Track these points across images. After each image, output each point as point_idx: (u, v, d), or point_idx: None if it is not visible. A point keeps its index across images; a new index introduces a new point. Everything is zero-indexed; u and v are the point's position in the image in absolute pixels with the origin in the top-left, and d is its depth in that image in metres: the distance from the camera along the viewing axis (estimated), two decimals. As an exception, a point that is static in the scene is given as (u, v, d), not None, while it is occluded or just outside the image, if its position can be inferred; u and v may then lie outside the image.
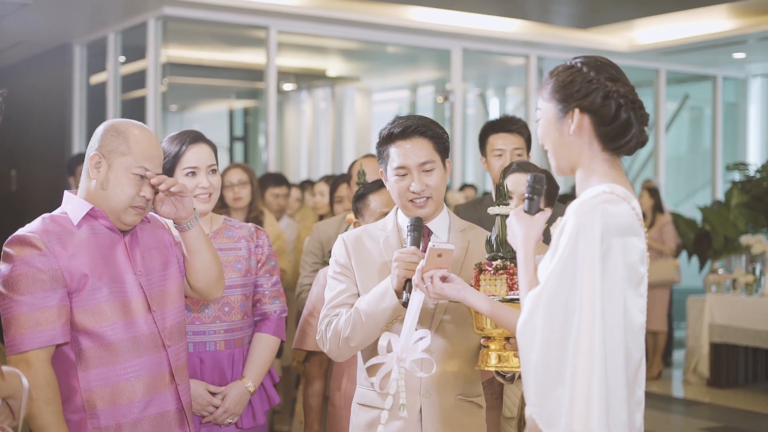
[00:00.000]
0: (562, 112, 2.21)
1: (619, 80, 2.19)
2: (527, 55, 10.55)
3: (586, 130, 2.19)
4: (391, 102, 13.29)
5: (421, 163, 2.72)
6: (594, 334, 2.00)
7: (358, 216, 3.57)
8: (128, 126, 2.70)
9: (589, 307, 2.01)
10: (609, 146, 2.19)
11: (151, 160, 2.69)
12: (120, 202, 2.66)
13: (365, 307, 2.62)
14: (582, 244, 2.03)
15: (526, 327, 2.08)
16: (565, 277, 2.04)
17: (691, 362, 8.50)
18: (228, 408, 3.21)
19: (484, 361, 2.52)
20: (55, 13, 8.58)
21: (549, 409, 2.03)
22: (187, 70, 10.83)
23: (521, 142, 4.24)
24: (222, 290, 3.00)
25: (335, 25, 9.16)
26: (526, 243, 2.25)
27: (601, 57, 2.25)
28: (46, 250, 2.54)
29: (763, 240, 8.33)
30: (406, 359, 2.52)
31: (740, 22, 9.76)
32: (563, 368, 2.02)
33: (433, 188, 2.73)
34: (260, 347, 3.32)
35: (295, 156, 12.39)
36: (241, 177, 5.19)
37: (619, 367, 2.04)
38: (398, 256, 2.57)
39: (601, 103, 2.16)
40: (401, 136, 2.73)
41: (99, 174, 2.66)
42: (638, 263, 2.09)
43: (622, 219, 2.07)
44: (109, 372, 2.60)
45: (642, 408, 2.14)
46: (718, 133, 12.23)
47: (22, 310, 2.51)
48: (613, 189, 2.12)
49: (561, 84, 2.21)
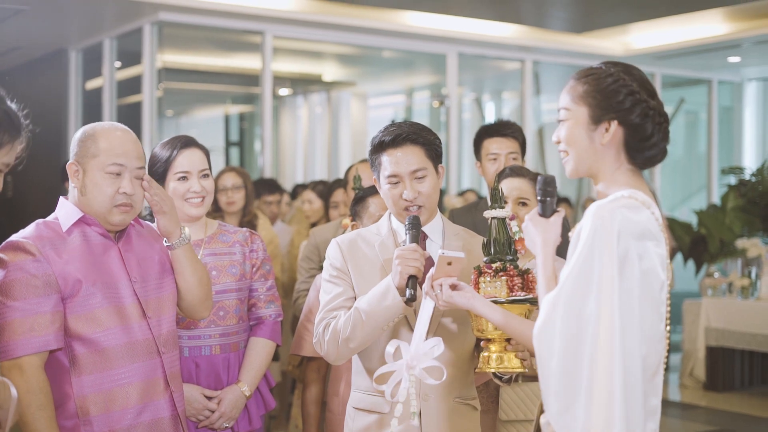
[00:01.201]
0: (598, 119, 2.15)
1: (656, 96, 2.16)
2: (523, 59, 10.56)
3: (616, 141, 2.15)
4: (386, 107, 13.29)
5: (413, 170, 2.72)
6: (614, 341, 1.97)
7: (356, 219, 3.57)
8: (97, 128, 2.70)
9: (608, 313, 1.98)
10: (635, 160, 2.17)
11: (124, 155, 2.66)
12: (101, 204, 2.65)
13: (366, 306, 2.61)
14: (598, 248, 2.00)
15: (544, 332, 2.04)
16: (581, 281, 2.01)
17: (687, 366, 8.51)
18: (224, 412, 3.21)
19: (485, 363, 2.51)
20: (50, 18, 8.57)
21: (568, 417, 2.00)
22: (183, 76, 10.83)
23: (516, 147, 4.25)
24: (209, 311, 2.99)
25: (331, 30, 9.16)
26: (545, 247, 2.23)
27: (633, 67, 2.20)
28: (39, 256, 2.53)
29: (759, 243, 8.35)
30: (416, 367, 2.51)
31: (735, 26, 9.78)
32: (581, 376, 1.98)
33: (425, 195, 2.73)
34: (255, 351, 3.32)
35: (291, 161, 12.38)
36: (235, 181, 5.18)
37: (635, 374, 2.00)
38: (399, 254, 2.56)
39: (640, 121, 2.13)
40: (392, 144, 2.73)
41: (78, 181, 2.66)
42: (658, 269, 2.06)
43: (640, 223, 2.04)
44: (102, 378, 2.59)
45: (657, 417, 2.09)
46: (714, 137, 12.24)
47: (16, 315, 2.49)
48: (634, 194, 2.10)
49: (601, 90, 2.14)
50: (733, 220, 8.81)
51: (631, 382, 1.99)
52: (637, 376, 2.00)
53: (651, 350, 2.05)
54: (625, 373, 1.97)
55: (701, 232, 8.95)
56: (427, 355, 2.52)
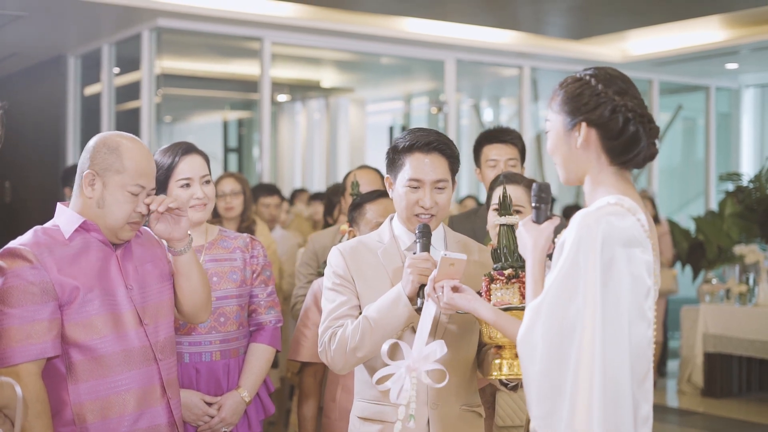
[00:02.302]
0: (570, 124, 2.17)
1: (628, 93, 2.16)
2: (521, 65, 10.57)
3: (593, 143, 2.16)
4: (385, 113, 13.30)
5: (436, 180, 2.72)
6: (595, 349, 1.97)
7: (353, 225, 3.56)
8: (120, 141, 2.66)
9: (590, 321, 1.98)
10: (617, 160, 2.16)
11: (146, 176, 2.67)
12: (117, 220, 2.65)
13: (375, 315, 2.59)
14: (583, 255, 2.00)
15: (526, 338, 2.05)
16: (565, 288, 2.01)
17: (685, 372, 8.50)
18: (224, 418, 3.21)
19: (496, 369, 2.52)
20: (49, 24, 8.58)
21: (550, 422, 2.00)
22: (182, 82, 10.83)
23: (515, 153, 4.25)
24: (208, 314, 2.98)
25: (329, 37, 9.18)
26: (535, 252, 2.23)
27: (611, 69, 2.22)
28: (37, 263, 2.52)
29: (757, 250, 8.35)
30: (418, 369, 2.50)
31: (733, 33, 9.80)
32: (564, 382, 1.99)
33: (440, 207, 2.73)
34: (255, 357, 3.32)
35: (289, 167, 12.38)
36: (233, 187, 5.19)
37: (623, 381, 1.99)
38: (411, 262, 2.56)
39: (608, 117, 2.13)
40: (422, 149, 2.72)
41: (94, 192, 2.64)
42: (644, 275, 2.06)
43: (626, 230, 2.04)
44: (99, 385, 2.58)
45: (649, 424, 2.08)
46: (711, 144, 12.26)
47: (13, 323, 2.48)
48: (621, 201, 2.09)
49: (569, 96, 2.18)
50: (730, 227, 8.82)
51: (617, 390, 1.99)
52: (624, 384, 2.00)
53: (639, 356, 2.05)
54: (607, 381, 1.97)
55: (699, 238, 8.96)
56: (429, 358, 2.51)
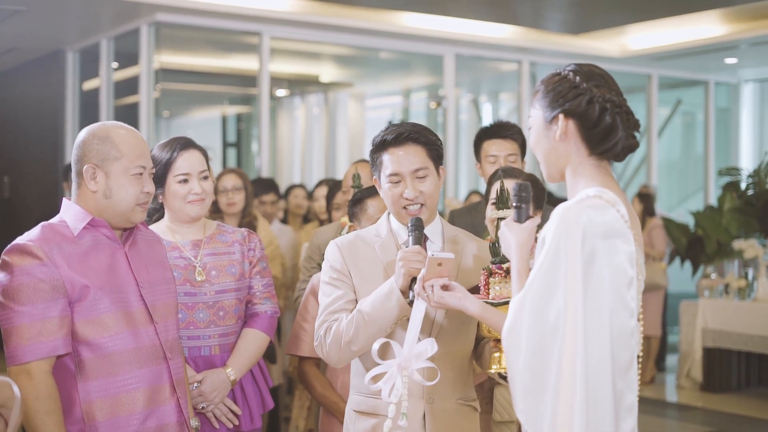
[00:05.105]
0: (549, 118, 2.21)
1: (606, 86, 2.19)
2: (520, 60, 10.56)
3: (572, 134, 2.19)
4: (384, 108, 13.28)
5: (415, 169, 2.72)
6: (577, 341, 1.99)
7: (353, 220, 3.56)
8: (108, 129, 2.66)
9: (572, 315, 2.00)
10: (595, 150, 2.19)
11: (143, 156, 2.68)
12: (127, 204, 2.65)
13: (369, 309, 2.60)
14: (563, 249, 2.03)
15: (511, 333, 2.08)
16: (547, 283, 2.04)
17: (684, 367, 8.51)
18: (203, 391, 3.15)
19: (495, 362, 2.54)
20: (48, 19, 8.56)
21: (536, 415, 2.03)
22: (180, 76, 10.81)
23: (515, 148, 4.25)
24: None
25: (328, 31, 9.16)
26: (518, 251, 2.26)
27: (593, 66, 2.25)
28: (47, 260, 2.51)
29: (756, 244, 8.35)
30: (409, 367, 2.51)
31: (732, 28, 9.79)
32: (548, 375, 2.02)
33: (426, 195, 2.73)
34: (246, 340, 3.30)
35: (288, 162, 12.37)
36: (235, 182, 5.20)
37: (604, 373, 2.01)
38: (403, 255, 2.56)
39: (585, 107, 2.16)
40: (394, 143, 2.73)
41: (98, 184, 2.63)
42: (626, 266, 2.07)
43: (607, 223, 2.06)
44: (109, 383, 2.58)
45: (634, 414, 2.10)
46: (711, 138, 12.26)
47: (23, 320, 2.48)
48: (601, 193, 2.11)
49: (548, 90, 2.21)
50: (729, 222, 8.82)
51: (597, 382, 2.00)
52: (605, 375, 2.01)
53: (622, 346, 2.06)
54: (589, 373, 1.99)
55: (698, 233, 8.96)
56: (420, 356, 2.52)
